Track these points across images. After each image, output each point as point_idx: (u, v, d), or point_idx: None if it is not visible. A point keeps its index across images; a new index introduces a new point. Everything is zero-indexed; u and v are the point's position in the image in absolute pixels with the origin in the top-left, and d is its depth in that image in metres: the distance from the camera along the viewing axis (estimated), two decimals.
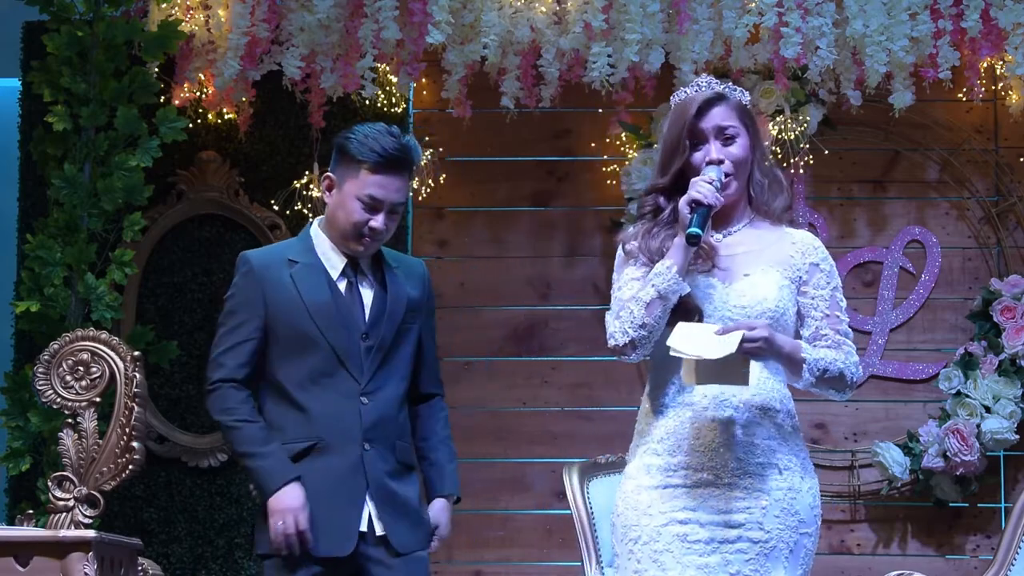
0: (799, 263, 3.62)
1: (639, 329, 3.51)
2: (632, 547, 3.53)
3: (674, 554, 3.48)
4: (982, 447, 5.77)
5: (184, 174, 6.17)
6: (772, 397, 3.55)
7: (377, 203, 3.94)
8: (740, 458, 3.50)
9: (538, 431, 6.07)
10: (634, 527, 3.53)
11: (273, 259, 4.03)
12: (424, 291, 4.11)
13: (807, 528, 3.54)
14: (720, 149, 3.58)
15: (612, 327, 3.56)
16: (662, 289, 3.48)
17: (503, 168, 6.23)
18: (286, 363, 3.95)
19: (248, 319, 3.99)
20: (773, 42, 5.72)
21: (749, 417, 3.52)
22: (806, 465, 3.59)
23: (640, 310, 3.50)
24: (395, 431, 3.98)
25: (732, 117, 3.60)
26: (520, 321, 6.09)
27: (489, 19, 5.68)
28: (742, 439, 3.51)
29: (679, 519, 3.49)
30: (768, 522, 3.49)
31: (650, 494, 3.53)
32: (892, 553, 5.99)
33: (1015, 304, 5.86)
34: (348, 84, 5.84)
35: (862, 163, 6.20)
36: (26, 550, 3.95)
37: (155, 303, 6.16)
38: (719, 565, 3.46)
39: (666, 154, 3.63)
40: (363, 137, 3.97)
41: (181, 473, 6.07)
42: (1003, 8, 5.71)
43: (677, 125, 3.60)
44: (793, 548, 3.51)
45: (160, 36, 5.70)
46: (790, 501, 3.51)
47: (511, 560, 6.01)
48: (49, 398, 4.28)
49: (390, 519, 3.92)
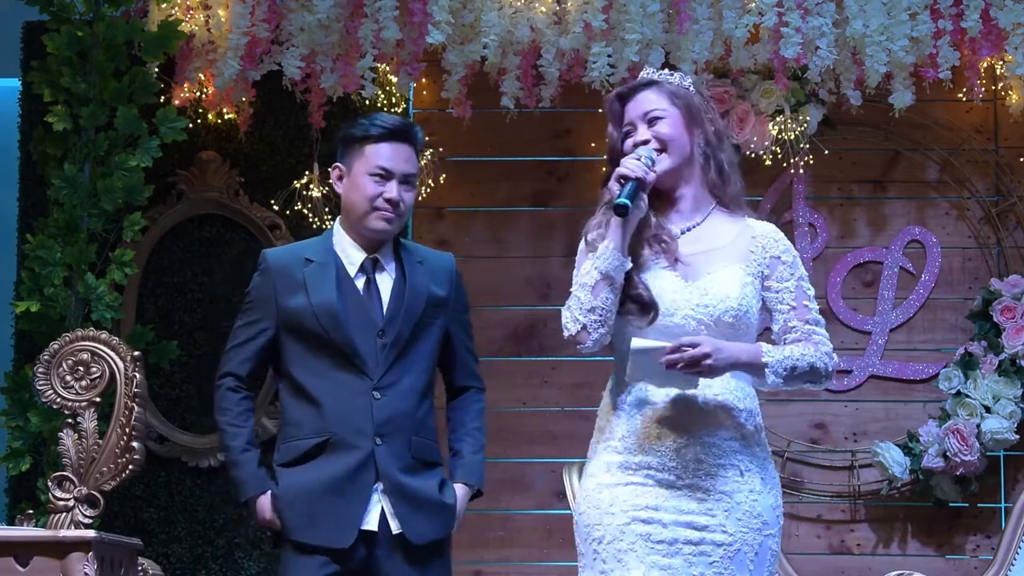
0: (760, 257, 3.60)
1: (588, 313, 3.51)
2: (596, 547, 3.50)
3: (638, 553, 3.45)
4: (982, 447, 5.77)
5: (184, 174, 6.18)
6: (734, 396, 3.53)
7: (387, 173, 4.01)
8: (701, 459, 3.48)
9: (538, 431, 6.07)
10: (597, 526, 3.50)
11: (291, 258, 4.09)
12: (452, 285, 4.13)
13: (771, 530, 3.53)
14: (645, 131, 3.60)
15: (564, 317, 3.57)
16: (603, 269, 3.48)
17: (503, 168, 6.23)
18: (300, 359, 4.02)
19: (259, 317, 4.06)
20: (773, 42, 5.72)
21: (711, 417, 3.50)
22: (767, 465, 3.57)
23: (587, 295, 3.51)
24: (411, 426, 3.99)
25: (661, 101, 3.62)
26: (520, 321, 6.09)
27: (489, 19, 5.69)
28: (704, 439, 3.48)
29: (642, 518, 3.46)
30: (731, 525, 3.47)
31: (612, 492, 3.50)
32: (892, 553, 5.99)
33: (1015, 304, 5.86)
34: (348, 84, 5.84)
35: (862, 163, 6.20)
36: (26, 550, 3.95)
37: (155, 303, 6.16)
38: (682, 567, 3.44)
39: (610, 145, 3.67)
40: (364, 119, 4.09)
41: (181, 473, 6.08)
42: (1003, 8, 5.71)
43: (611, 117, 3.67)
44: (758, 551, 3.49)
45: (160, 36, 5.70)
46: (752, 503, 3.49)
47: (511, 560, 6.01)
48: (49, 398, 4.29)
49: (405, 514, 3.94)
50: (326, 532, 3.91)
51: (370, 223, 4.03)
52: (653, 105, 3.61)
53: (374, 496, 3.94)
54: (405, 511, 3.94)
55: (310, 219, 6.06)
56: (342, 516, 3.91)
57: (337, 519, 3.91)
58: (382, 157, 4.02)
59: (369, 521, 3.93)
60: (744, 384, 3.56)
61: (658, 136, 3.58)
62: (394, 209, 4.01)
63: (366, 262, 4.05)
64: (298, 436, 4.00)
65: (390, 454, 3.95)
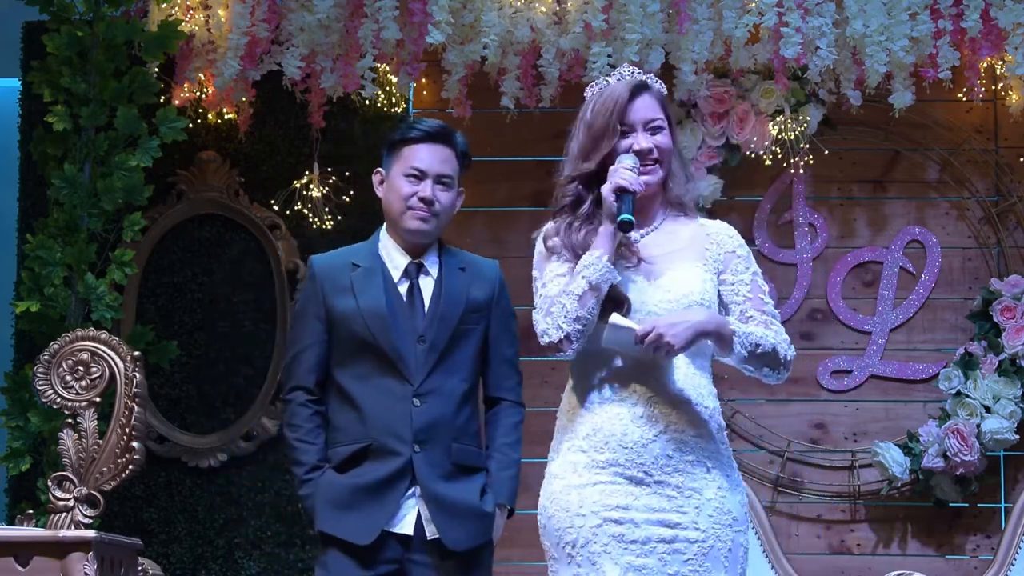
0: (715, 253, 3.60)
1: (573, 323, 3.47)
2: (570, 551, 3.48)
3: (611, 555, 3.43)
4: (982, 447, 5.77)
5: (184, 174, 6.18)
6: (698, 394, 3.52)
7: (421, 173, 4.07)
8: (670, 455, 3.46)
9: (538, 431, 6.03)
10: (569, 529, 3.48)
11: (338, 263, 4.13)
12: (492, 292, 4.16)
13: (740, 527, 3.52)
14: (648, 138, 3.59)
15: (544, 324, 3.52)
16: (593, 279, 3.45)
17: (503, 168, 6.23)
18: (345, 364, 4.05)
19: (312, 324, 4.10)
20: (773, 42, 5.72)
21: (678, 413, 3.49)
22: (732, 463, 3.57)
23: (573, 303, 3.47)
24: (451, 433, 4.02)
25: (658, 109, 3.62)
26: (520, 321, 6.07)
27: (489, 19, 5.69)
28: (672, 436, 3.47)
29: (614, 518, 3.45)
30: (703, 522, 3.46)
31: (580, 492, 3.48)
32: (892, 553, 5.99)
33: (1015, 304, 5.86)
34: (348, 84, 5.84)
35: (862, 163, 6.20)
36: (26, 550, 3.95)
37: (155, 303, 6.16)
38: (657, 566, 3.42)
39: (592, 140, 3.62)
40: (404, 124, 4.20)
41: (181, 473, 6.08)
42: (1003, 8, 5.71)
43: (606, 112, 3.61)
44: (731, 547, 3.49)
45: (160, 36, 5.70)
46: (722, 500, 3.49)
47: (511, 560, 6.01)
48: (49, 398, 4.28)
49: (443, 521, 3.96)
50: (350, 527, 3.94)
51: (406, 223, 4.07)
52: (654, 113, 3.61)
53: (409, 501, 3.97)
54: (442, 518, 3.96)
55: (310, 219, 6.06)
56: (368, 515, 3.94)
57: (363, 517, 3.94)
58: (417, 158, 4.08)
59: (403, 525, 3.96)
60: (708, 383, 3.57)
61: (659, 146, 3.59)
62: (428, 208, 4.06)
63: (410, 267, 4.09)
64: (341, 442, 4.03)
65: (428, 461, 3.97)
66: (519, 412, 4.19)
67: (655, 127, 3.60)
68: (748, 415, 6.03)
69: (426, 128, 4.11)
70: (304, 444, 4.04)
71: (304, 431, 4.05)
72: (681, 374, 3.51)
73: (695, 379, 3.53)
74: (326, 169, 6.10)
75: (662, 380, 3.49)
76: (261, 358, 6.12)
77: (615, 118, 3.60)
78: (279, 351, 5.99)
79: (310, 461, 4.03)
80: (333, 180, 6.08)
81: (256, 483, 6.05)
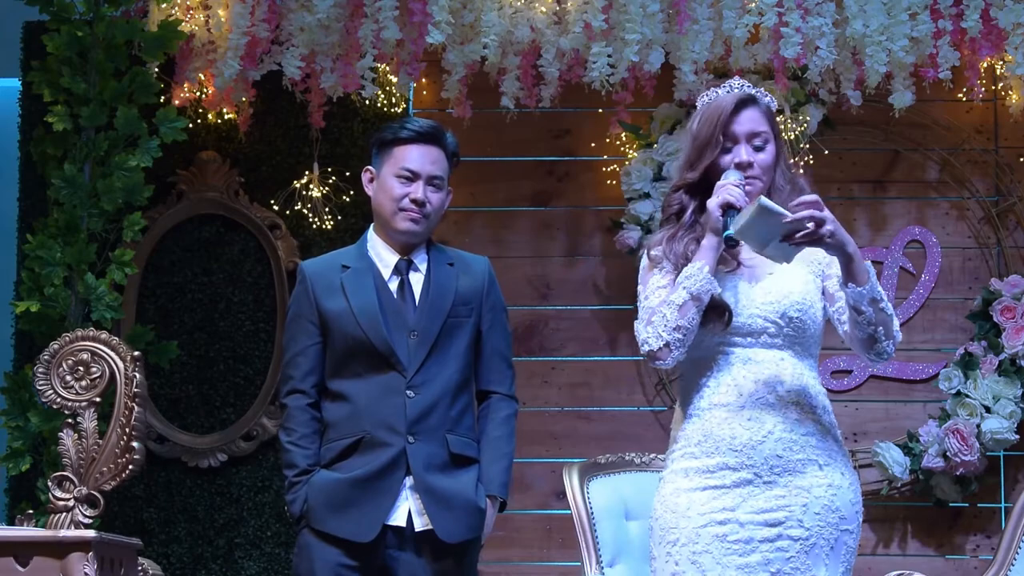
0: (820, 256, 3.60)
1: (673, 332, 3.48)
2: (670, 549, 3.50)
3: (713, 555, 3.45)
4: (982, 447, 5.77)
5: (184, 174, 6.17)
6: (809, 393, 3.53)
7: (413, 174, 4.08)
8: (780, 455, 3.48)
9: (538, 431, 6.06)
10: (672, 529, 3.51)
11: (327, 266, 4.16)
12: (482, 286, 4.17)
13: (848, 525, 3.52)
14: (750, 153, 3.59)
15: (644, 333, 3.53)
16: (694, 290, 3.47)
17: (503, 168, 6.23)
18: (338, 362, 4.07)
19: (306, 327, 4.12)
20: (773, 42, 5.72)
21: (786, 412, 3.50)
22: (846, 460, 3.58)
23: (673, 313, 3.48)
24: (445, 424, 4.03)
25: (763, 123, 3.62)
26: (520, 321, 6.09)
27: (489, 19, 5.68)
28: (781, 435, 3.48)
29: (718, 520, 3.46)
30: (808, 519, 3.46)
31: (688, 496, 3.51)
32: (892, 553, 5.99)
33: (1015, 304, 5.86)
34: (348, 84, 5.84)
35: (862, 163, 6.20)
36: (26, 550, 3.94)
37: (155, 303, 6.16)
38: (759, 564, 3.44)
39: (697, 151, 3.63)
40: (395, 123, 4.17)
41: (181, 473, 6.07)
42: (1003, 8, 5.71)
43: (711, 123, 3.61)
44: (834, 545, 3.49)
45: (160, 36, 5.70)
46: (831, 497, 3.49)
47: (511, 560, 6.01)
48: (49, 398, 4.28)
49: (435, 512, 3.97)
50: (349, 525, 3.95)
51: (397, 224, 4.09)
52: (759, 127, 3.61)
53: (403, 492, 3.98)
54: (435, 509, 3.97)
55: (310, 219, 6.06)
56: (368, 511, 3.95)
57: (363, 513, 3.95)
58: (409, 159, 4.09)
59: (396, 517, 3.97)
60: (817, 381, 3.57)
61: (761, 164, 3.59)
62: (420, 209, 4.07)
63: (400, 263, 4.11)
64: (334, 437, 4.05)
65: (423, 452, 3.99)
66: (512, 405, 4.19)
67: (758, 142, 3.60)
68: None
69: (417, 128, 4.12)
70: (297, 448, 4.06)
71: (299, 435, 4.07)
72: (788, 374, 3.52)
73: (803, 378, 3.54)
74: (326, 169, 6.10)
75: (769, 381, 3.50)
76: (261, 358, 6.12)
77: (719, 130, 3.59)
78: (279, 351, 5.99)
79: (301, 465, 4.05)
80: (333, 180, 6.08)
81: (256, 483, 6.05)
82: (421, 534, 3.97)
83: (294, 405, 4.09)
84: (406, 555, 3.97)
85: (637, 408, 6.08)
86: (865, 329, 3.50)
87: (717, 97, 3.66)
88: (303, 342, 4.10)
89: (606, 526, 5.02)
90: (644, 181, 5.93)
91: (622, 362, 6.09)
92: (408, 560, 3.97)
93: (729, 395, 3.52)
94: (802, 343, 3.57)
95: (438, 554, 3.98)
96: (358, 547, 3.96)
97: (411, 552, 3.97)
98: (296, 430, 4.07)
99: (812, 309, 3.57)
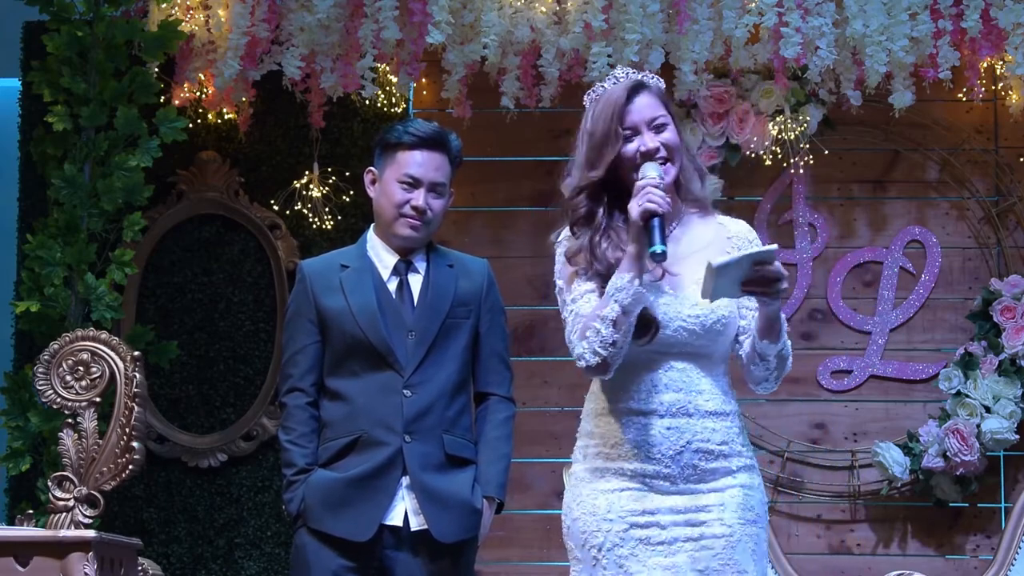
0: None
1: (609, 347, 3.41)
2: (596, 554, 3.49)
3: (639, 557, 3.44)
4: (982, 447, 5.77)
5: (184, 174, 6.17)
6: (724, 400, 3.52)
7: (416, 181, 4.09)
8: (696, 464, 3.46)
9: (538, 431, 6.06)
10: (596, 532, 3.49)
11: (326, 265, 4.17)
12: (480, 287, 4.18)
13: (763, 523, 3.53)
14: (653, 137, 3.51)
15: (580, 348, 3.46)
16: (625, 303, 3.39)
17: (503, 168, 6.23)
18: (336, 361, 4.08)
19: (305, 326, 4.12)
20: (773, 42, 5.72)
21: (704, 423, 3.48)
22: (753, 464, 3.58)
23: (607, 329, 3.40)
24: (442, 424, 4.04)
25: (659, 107, 3.55)
26: (520, 321, 6.09)
27: (489, 19, 5.68)
28: (699, 446, 3.47)
29: (640, 523, 3.45)
30: (728, 517, 3.46)
31: (607, 498, 3.49)
32: (892, 553, 5.99)
33: (1015, 304, 5.86)
34: (348, 84, 5.84)
35: (862, 163, 6.20)
36: (26, 550, 3.95)
37: (155, 303, 6.16)
38: (687, 564, 3.42)
39: (596, 148, 3.55)
40: (400, 125, 4.16)
41: (181, 473, 6.07)
42: (1003, 8, 5.71)
43: (606, 117, 3.53)
44: (756, 542, 3.49)
45: (160, 36, 5.70)
46: (745, 497, 3.49)
47: (511, 560, 6.01)
48: (49, 398, 4.28)
49: (431, 511, 3.98)
50: (347, 524, 3.96)
51: (397, 229, 4.10)
52: (656, 111, 3.54)
53: (399, 492, 3.99)
54: (431, 509, 3.98)
55: (310, 219, 6.06)
56: (365, 510, 3.96)
57: (360, 512, 3.96)
58: (412, 165, 4.10)
59: (393, 516, 3.98)
60: (728, 386, 3.55)
61: (666, 144, 3.51)
62: (420, 217, 4.09)
63: (399, 264, 4.13)
64: (332, 436, 4.05)
65: (419, 452, 4.00)
66: (510, 407, 4.20)
67: (659, 125, 3.53)
68: (748, 415, 6.02)
69: (422, 133, 4.11)
70: (296, 447, 4.06)
71: (298, 434, 4.07)
72: (707, 384, 3.50)
73: (720, 385, 3.53)
74: (326, 169, 6.10)
75: (689, 390, 3.48)
76: (261, 358, 6.12)
77: (615, 122, 3.52)
78: (279, 351, 5.99)
79: (299, 464, 4.05)
80: (333, 180, 6.08)
81: (256, 483, 6.05)
82: (417, 534, 3.98)
83: (293, 404, 4.09)
84: (403, 555, 3.98)
85: None
86: (762, 372, 3.52)
87: (605, 91, 3.59)
88: (302, 341, 4.11)
89: None
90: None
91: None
92: (405, 560, 3.97)
93: (650, 402, 3.47)
94: (721, 351, 3.54)
95: (434, 554, 3.98)
96: (355, 546, 3.97)
97: (408, 552, 3.98)
98: (295, 428, 4.07)
99: (733, 319, 3.52)
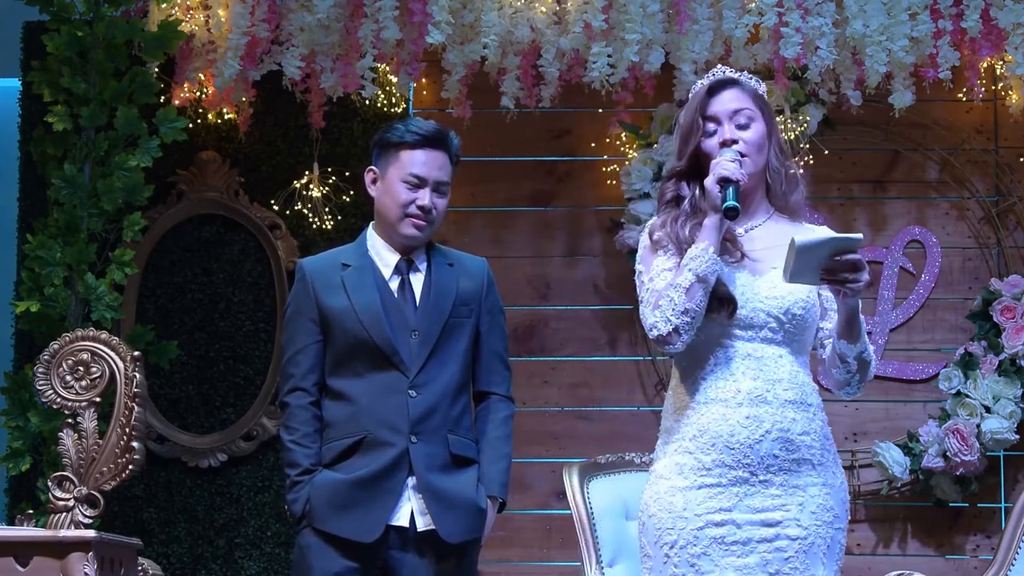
0: None
1: (681, 316, 3.44)
2: (668, 551, 3.48)
3: (712, 557, 3.44)
4: (982, 447, 5.77)
5: (184, 174, 6.17)
6: (804, 392, 3.52)
7: (420, 180, 4.08)
8: (776, 454, 3.46)
9: (538, 431, 6.06)
10: (669, 530, 3.49)
11: (327, 265, 4.15)
12: (481, 287, 4.17)
13: (841, 524, 3.53)
14: (733, 131, 3.57)
15: (652, 318, 3.49)
16: (700, 271, 3.43)
17: (503, 168, 6.23)
18: (339, 361, 4.06)
19: (306, 325, 4.10)
20: (773, 42, 5.72)
21: (784, 412, 3.48)
22: (837, 460, 3.58)
23: (681, 296, 3.44)
24: (446, 423, 4.03)
25: (745, 100, 3.61)
26: (520, 321, 6.09)
27: (489, 19, 5.68)
28: (778, 435, 3.47)
29: (715, 521, 3.45)
30: (805, 519, 3.46)
31: (685, 495, 3.48)
32: (892, 553, 5.99)
33: (1015, 304, 5.86)
34: (348, 84, 5.84)
35: (862, 163, 6.20)
36: (26, 550, 3.94)
37: (155, 303, 6.16)
38: (758, 565, 3.43)
39: (682, 139, 3.63)
40: (400, 124, 4.14)
41: (181, 473, 6.07)
42: (1003, 8, 5.71)
43: (691, 109, 3.63)
44: (830, 544, 3.49)
45: (160, 36, 5.70)
46: (825, 496, 3.49)
47: (511, 560, 6.01)
48: (49, 398, 4.28)
49: (437, 512, 3.97)
50: (353, 525, 3.95)
51: (402, 229, 4.09)
52: (742, 105, 3.60)
53: (406, 492, 3.98)
54: (437, 510, 3.97)
55: (310, 219, 6.06)
56: (371, 511, 3.95)
57: (366, 513, 3.95)
58: (416, 164, 4.08)
59: (399, 517, 3.97)
60: (810, 379, 3.56)
61: (747, 141, 3.57)
62: (426, 216, 4.08)
63: (400, 263, 4.11)
64: (336, 437, 4.04)
65: (425, 452, 3.99)
66: (510, 407, 4.20)
67: (741, 119, 3.58)
68: None
69: (424, 132, 4.10)
70: (299, 447, 4.05)
71: (301, 434, 4.06)
72: (786, 372, 3.51)
73: (799, 377, 3.53)
74: (326, 169, 6.10)
75: (767, 378, 3.49)
76: (261, 358, 6.12)
77: (697, 114, 3.59)
78: (279, 351, 5.99)
79: (304, 464, 4.04)
80: (333, 180, 6.08)
81: (256, 483, 6.05)
82: (423, 534, 3.97)
83: (295, 403, 4.08)
84: (408, 555, 3.97)
85: (637, 408, 6.08)
86: (843, 375, 3.54)
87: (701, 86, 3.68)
88: (303, 340, 4.10)
89: (606, 526, 5.02)
90: (644, 181, 5.93)
91: (622, 362, 6.08)
92: (410, 561, 3.97)
93: (727, 391, 3.50)
94: (800, 341, 3.56)
95: (440, 555, 3.98)
96: (360, 547, 3.96)
97: (413, 552, 3.97)
98: (298, 429, 4.06)
99: (814, 308, 3.56)
